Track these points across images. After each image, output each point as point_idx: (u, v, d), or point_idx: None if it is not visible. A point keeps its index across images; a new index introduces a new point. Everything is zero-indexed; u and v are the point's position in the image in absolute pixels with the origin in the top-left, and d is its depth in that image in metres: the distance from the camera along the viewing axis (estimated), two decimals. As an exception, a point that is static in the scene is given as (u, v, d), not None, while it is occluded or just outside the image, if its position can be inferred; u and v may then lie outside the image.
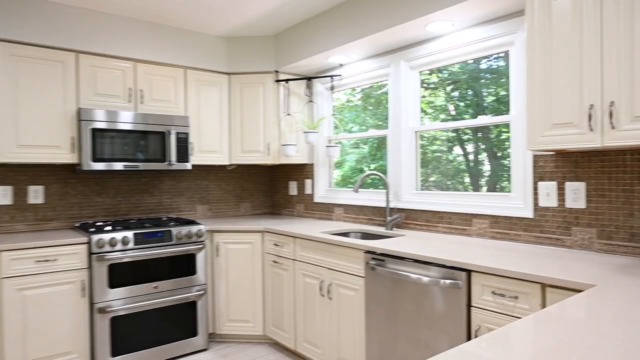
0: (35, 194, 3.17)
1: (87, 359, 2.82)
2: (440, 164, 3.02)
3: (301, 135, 3.83)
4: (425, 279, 2.09)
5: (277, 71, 3.73)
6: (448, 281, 1.99)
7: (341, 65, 3.56)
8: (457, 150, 2.96)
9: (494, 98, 2.71)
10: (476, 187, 2.83)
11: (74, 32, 3.03)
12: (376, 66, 3.28)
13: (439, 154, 3.04)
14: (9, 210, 3.08)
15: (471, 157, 2.91)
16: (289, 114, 3.77)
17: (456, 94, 2.98)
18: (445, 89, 3.04)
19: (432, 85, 3.12)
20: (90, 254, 2.82)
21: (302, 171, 4.01)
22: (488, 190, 2.73)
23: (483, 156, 2.85)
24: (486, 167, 2.82)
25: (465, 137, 2.91)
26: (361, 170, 3.65)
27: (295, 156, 3.79)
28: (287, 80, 3.71)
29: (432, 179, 3.08)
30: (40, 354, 2.67)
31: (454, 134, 2.95)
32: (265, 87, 3.72)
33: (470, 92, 2.88)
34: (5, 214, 3.06)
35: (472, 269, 1.91)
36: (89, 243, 2.83)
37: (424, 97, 3.12)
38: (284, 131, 3.75)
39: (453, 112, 2.98)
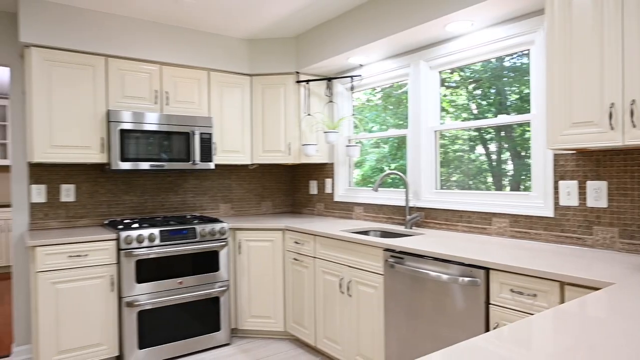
0: (67, 193, 3.31)
1: (115, 350, 2.94)
2: (462, 164, 3.02)
3: (321, 135, 3.89)
4: (444, 276, 2.11)
5: (297, 72, 3.79)
6: (467, 279, 2.01)
7: (361, 65, 3.60)
8: (480, 149, 2.96)
9: (518, 96, 2.69)
10: (499, 187, 2.81)
11: (104, 37, 3.16)
12: (396, 66, 3.31)
13: (460, 154, 3.04)
14: (43, 208, 3.23)
15: (494, 156, 2.90)
16: (309, 114, 3.83)
17: (478, 92, 2.97)
18: (467, 88, 3.04)
19: (453, 84, 3.12)
20: (119, 250, 2.94)
21: (322, 170, 4.07)
22: (511, 191, 2.71)
23: (506, 155, 2.83)
24: (509, 167, 2.80)
25: (488, 136, 2.90)
26: (381, 170, 3.68)
27: (315, 156, 3.84)
28: (307, 81, 3.77)
29: (453, 178, 3.08)
30: (72, 344, 2.79)
31: (476, 133, 2.95)
32: (286, 88, 3.79)
33: (493, 90, 2.86)
34: (40, 211, 3.21)
35: (490, 267, 1.93)
36: (117, 239, 2.94)
37: (445, 96, 3.12)
38: (304, 131, 3.81)
39: (475, 111, 2.97)
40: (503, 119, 2.69)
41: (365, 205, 3.58)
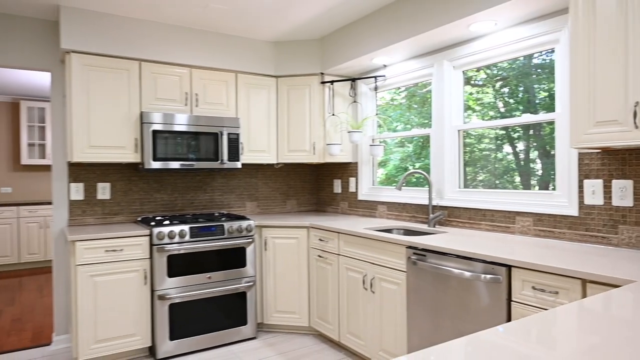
0: (103, 191, 3.48)
1: (148, 341, 3.08)
2: (489, 163, 3.01)
3: (345, 134, 3.95)
4: (466, 273, 2.14)
5: (322, 73, 3.86)
6: (488, 276, 2.04)
7: (385, 66, 3.64)
8: (507, 148, 2.94)
9: (547, 94, 2.66)
10: (527, 187, 2.79)
11: (138, 43, 3.31)
12: (419, 66, 3.34)
13: (487, 153, 3.03)
14: (81, 205, 3.41)
15: (522, 155, 2.87)
16: (333, 114, 3.90)
17: (506, 90, 2.95)
18: (494, 86, 3.03)
19: (479, 82, 3.11)
20: (152, 245, 3.08)
21: (346, 170, 4.13)
22: (540, 190, 2.69)
23: (535, 154, 2.80)
24: (538, 166, 2.77)
25: (516, 134, 2.88)
26: (405, 169, 3.71)
27: (339, 155, 3.91)
28: (332, 82, 3.84)
29: (480, 177, 3.07)
30: (108, 334, 2.95)
31: (503, 132, 2.93)
32: (311, 89, 3.87)
33: (520, 88, 2.84)
34: (78, 208, 3.39)
35: (512, 264, 1.95)
36: (150, 235, 3.08)
37: (471, 94, 3.12)
38: (328, 131, 3.88)
39: (502, 109, 2.96)
40: (527, 118, 2.69)
41: (389, 204, 3.62)
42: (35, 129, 6.60)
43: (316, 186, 4.55)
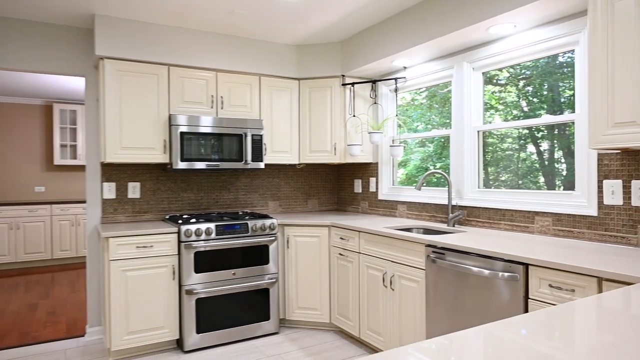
0: (134, 190, 3.64)
1: (176, 333, 3.22)
2: (512, 163, 3.02)
3: (366, 135, 4.02)
4: (485, 271, 2.19)
5: (343, 75, 3.94)
6: (506, 274, 2.09)
7: (405, 67, 3.70)
8: (531, 148, 2.94)
9: (572, 92, 2.66)
10: (551, 187, 2.79)
11: (167, 48, 3.46)
12: (439, 68, 3.39)
13: (510, 152, 3.04)
14: (113, 204, 3.57)
15: (546, 155, 2.86)
16: (354, 116, 3.97)
17: (529, 89, 2.95)
18: (517, 85, 3.04)
19: (502, 81, 3.12)
20: (180, 242, 3.21)
21: (366, 170, 4.20)
22: (564, 190, 2.69)
23: (559, 154, 2.78)
24: (563, 166, 2.76)
25: (539, 134, 2.87)
26: (426, 169, 3.76)
27: (360, 155, 3.98)
28: (352, 84, 3.91)
29: (502, 177, 3.08)
30: (139, 326, 3.10)
31: (526, 131, 2.94)
32: (333, 91, 3.95)
33: (544, 86, 2.84)
34: (110, 207, 3.56)
35: (529, 263, 2.00)
36: (178, 233, 3.22)
37: (493, 93, 3.14)
38: (349, 132, 3.96)
39: (526, 109, 2.97)
40: (546, 119, 2.72)
41: (409, 204, 3.68)
42: (67, 131, 6.87)
43: (337, 186, 4.63)
